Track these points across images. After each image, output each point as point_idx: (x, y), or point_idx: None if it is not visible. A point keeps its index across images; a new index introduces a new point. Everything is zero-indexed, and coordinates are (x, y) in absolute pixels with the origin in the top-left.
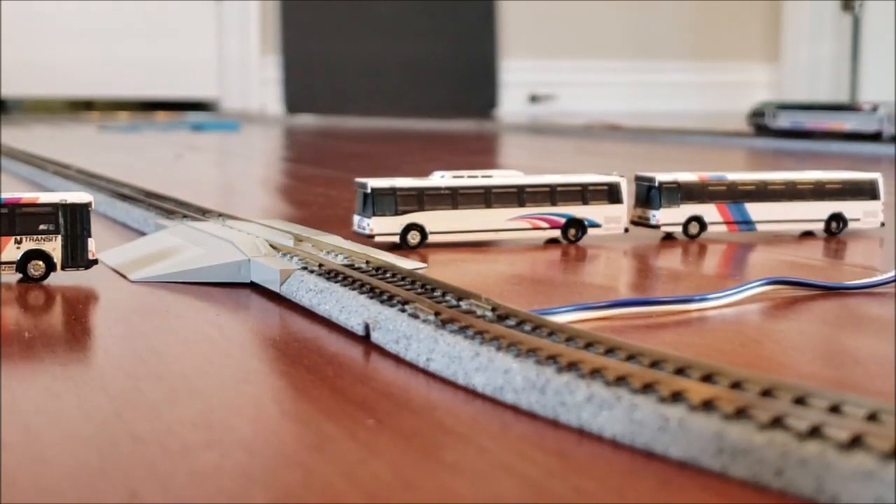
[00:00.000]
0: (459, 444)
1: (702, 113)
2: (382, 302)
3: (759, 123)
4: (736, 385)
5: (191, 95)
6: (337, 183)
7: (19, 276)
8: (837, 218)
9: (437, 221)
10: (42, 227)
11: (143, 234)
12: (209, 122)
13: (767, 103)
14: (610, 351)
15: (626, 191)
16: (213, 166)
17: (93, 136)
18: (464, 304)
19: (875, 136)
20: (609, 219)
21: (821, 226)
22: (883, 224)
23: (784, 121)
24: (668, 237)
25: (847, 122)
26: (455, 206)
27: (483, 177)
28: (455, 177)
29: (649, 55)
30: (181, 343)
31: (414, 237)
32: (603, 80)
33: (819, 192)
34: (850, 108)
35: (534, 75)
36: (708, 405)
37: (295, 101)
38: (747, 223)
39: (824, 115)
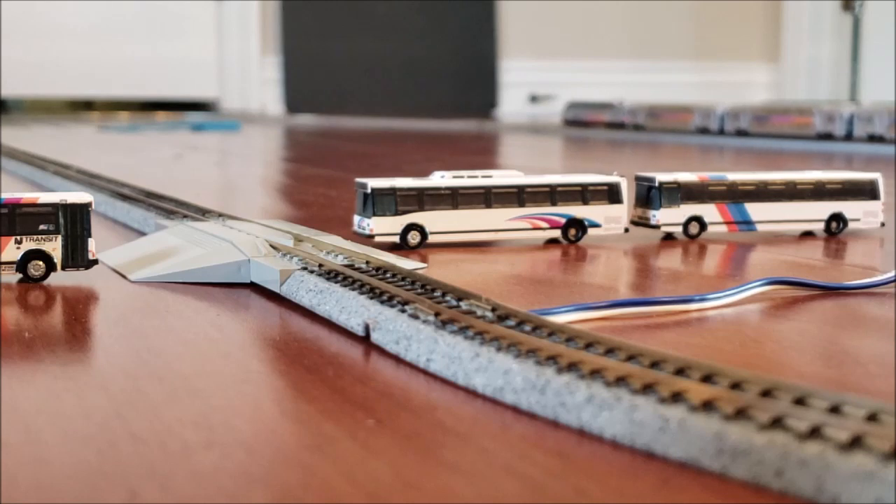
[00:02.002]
0: (459, 444)
1: None
2: (382, 302)
3: (568, 118)
4: (736, 385)
5: (191, 95)
6: (337, 183)
7: (19, 276)
8: (837, 218)
9: (437, 221)
10: (42, 227)
11: (143, 234)
12: (209, 123)
13: (575, 103)
14: (610, 351)
15: (627, 191)
16: (213, 166)
17: (93, 136)
18: (464, 305)
19: (621, 125)
20: (609, 219)
21: (821, 226)
22: (883, 224)
23: (570, 114)
24: (668, 237)
25: (605, 115)
26: (455, 207)
27: (483, 177)
28: (455, 177)
29: (649, 55)
30: (181, 343)
31: (414, 237)
32: (603, 80)
33: (819, 192)
34: (608, 105)
35: (534, 75)
36: (708, 406)
37: (295, 101)
38: (747, 223)
39: (593, 111)
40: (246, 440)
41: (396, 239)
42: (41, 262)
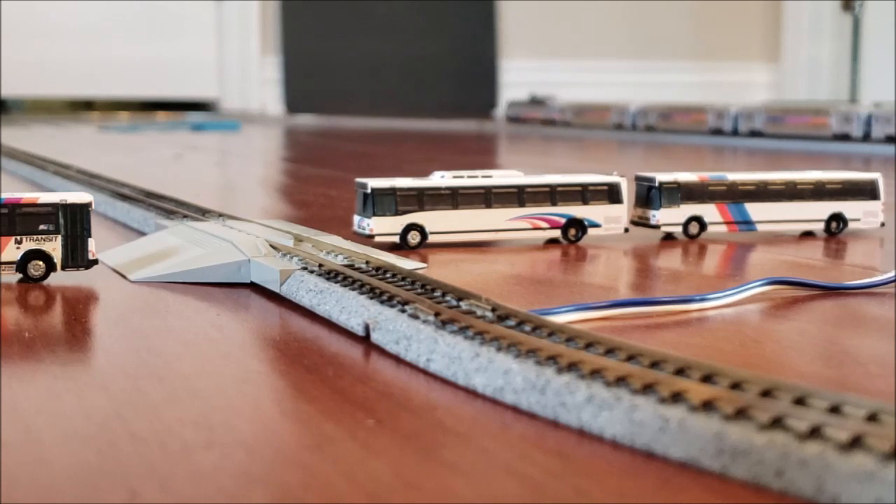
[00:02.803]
0: (459, 444)
1: None
2: (382, 302)
3: (509, 115)
4: (736, 385)
5: (191, 95)
6: (337, 183)
7: (19, 276)
8: (837, 218)
9: (437, 221)
10: (42, 227)
11: (143, 234)
12: (209, 122)
13: (514, 102)
14: (610, 351)
15: (627, 191)
16: (213, 166)
17: (93, 136)
18: (464, 305)
19: (553, 122)
20: (609, 219)
21: (821, 226)
22: (883, 224)
23: (511, 111)
24: (668, 237)
25: (541, 113)
26: (455, 207)
27: (483, 177)
28: (455, 177)
29: (649, 55)
30: (181, 343)
31: (414, 237)
32: (603, 80)
33: (819, 192)
34: (540, 101)
35: (534, 75)
36: (708, 406)
37: (295, 101)
38: (747, 223)
39: (528, 108)
40: (246, 440)
41: (396, 239)
42: (41, 262)
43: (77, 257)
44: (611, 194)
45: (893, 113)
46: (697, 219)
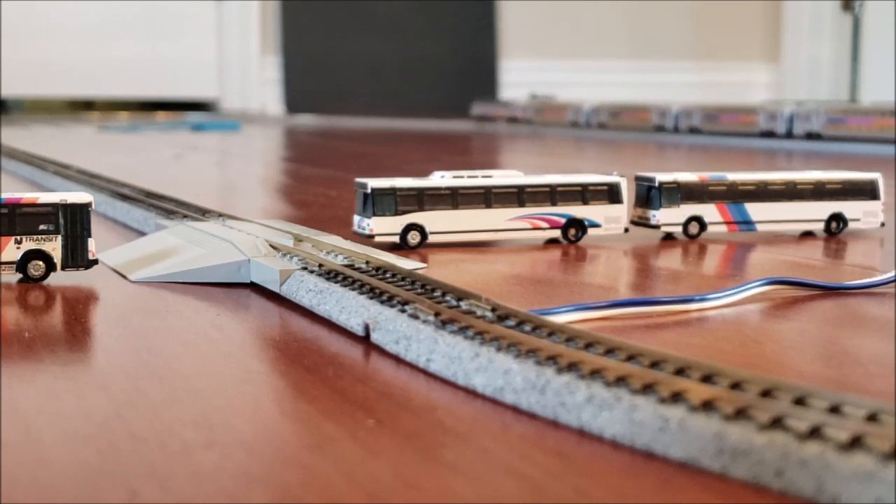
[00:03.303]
0: (459, 444)
1: None
2: (382, 302)
3: (476, 113)
4: (736, 385)
5: (191, 95)
6: (337, 183)
7: (19, 276)
8: (837, 218)
9: (437, 221)
10: (42, 227)
11: (143, 234)
12: (209, 122)
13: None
14: (610, 351)
15: (626, 191)
16: (213, 166)
17: (93, 136)
18: (464, 305)
19: (515, 120)
20: (609, 219)
21: (821, 226)
22: (883, 224)
23: (476, 110)
24: (668, 237)
25: (505, 111)
26: (455, 207)
27: (483, 177)
28: (455, 177)
29: (649, 55)
30: (181, 343)
31: (414, 237)
32: (603, 80)
33: (819, 192)
34: (505, 102)
35: (534, 75)
36: (708, 406)
37: (295, 101)
38: (747, 223)
39: (495, 107)
40: (246, 440)
41: (396, 239)
42: (41, 262)
43: (77, 257)
44: (611, 194)
45: (813, 111)
46: (697, 219)
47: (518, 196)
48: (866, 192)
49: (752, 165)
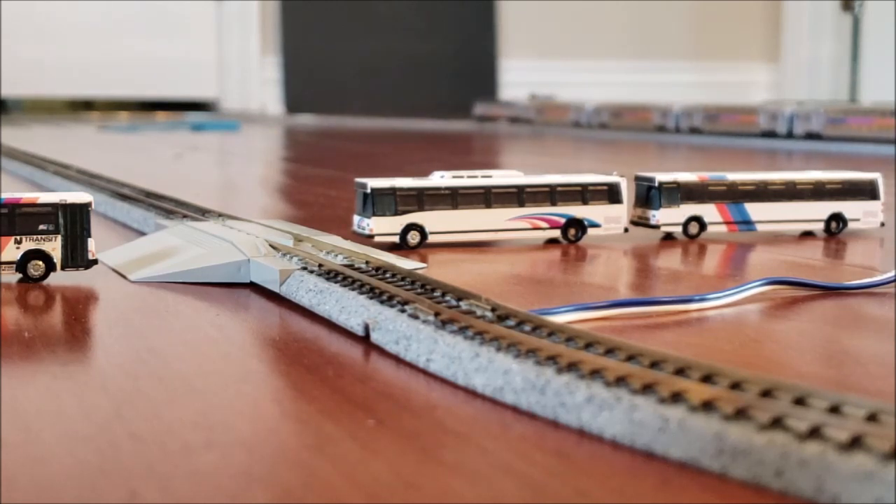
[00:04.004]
0: (459, 444)
1: None
2: (382, 302)
3: (477, 113)
4: (736, 385)
5: (191, 95)
6: (337, 183)
7: (19, 276)
8: (837, 218)
9: (436, 221)
10: (42, 227)
11: (143, 234)
12: (209, 122)
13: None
14: (610, 351)
15: (626, 191)
16: (213, 166)
17: (93, 136)
18: (463, 305)
19: (517, 120)
20: (609, 219)
21: (821, 226)
22: (883, 224)
23: (478, 110)
24: (668, 237)
25: (507, 111)
26: (455, 206)
27: (483, 177)
28: (455, 177)
29: (649, 55)
30: (181, 343)
31: (414, 237)
32: (603, 80)
33: (819, 192)
34: (509, 103)
35: (534, 75)
36: (708, 406)
37: (295, 101)
38: (747, 223)
39: (497, 107)
40: (246, 440)
41: (396, 239)
42: (41, 262)
43: (77, 257)
44: (610, 194)
45: (813, 111)
46: (697, 219)
47: (518, 196)
48: (866, 192)
49: (753, 165)
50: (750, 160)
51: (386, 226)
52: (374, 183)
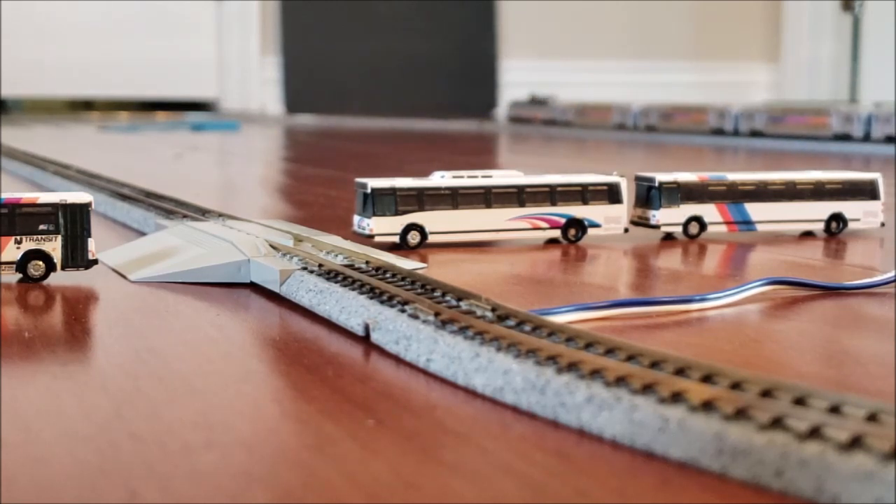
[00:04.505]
0: (459, 444)
1: None
2: (382, 302)
3: (511, 115)
4: (736, 386)
5: (191, 95)
6: (337, 183)
7: (19, 276)
8: (837, 218)
9: (437, 221)
10: (42, 227)
11: (143, 234)
12: (209, 122)
13: (516, 102)
14: (610, 351)
15: (626, 191)
16: (213, 166)
17: (93, 136)
18: (464, 305)
19: (553, 122)
20: (609, 219)
21: (821, 226)
22: (883, 224)
23: (513, 112)
24: (668, 237)
25: (542, 113)
26: (455, 207)
27: (483, 177)
28: (455, 177)
29: (649, 55)
30: (181, 343)
31: (414, 237)
32: (603, 80)
33: (819, 192)
34: (541, 101)
35: (534, 75)
36: (708, 406)
37: (295, 101)
38: (747, 223)
39: (530, 108)
40: (246, 440)
41: (396, 239)
42: (41, 262)
43: (77, 257)
44: (611, 194)
45: (893, 113)
46: (697, 219)
47: (518, 196)
48: (866, 192)
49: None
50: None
51: (386, 226)
52: (374, 183)
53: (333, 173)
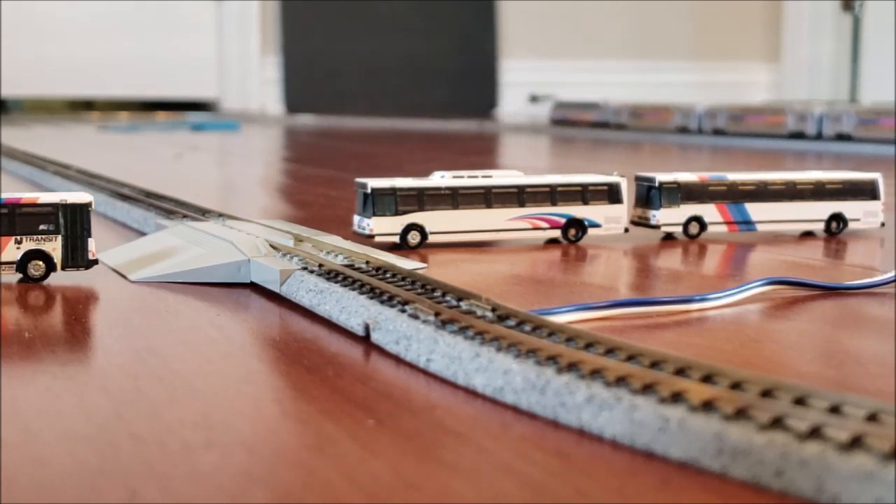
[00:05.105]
0: (459, 444)
1: None
2: (382, 302)
3: (555, 117)
4: (736, 386)
5: (191, 95)
6: (337, 183)
7: (19, 276)
8: (837, 218)
9: (437, 221)
10: (42, 227)
11: (143, 234)
12: (209, 122)
13: (562, 103)
14: (610, 351)
15: (626, 191)
16: (213, 166)
17: (93, 136)
18: (464, 305)
19: (605, 125)
20: (609, 219)
21: (821, 226)
22: (883, 224)
23: (557, 114)
24: (668, 237)
25: (592, 115)
26: (455, 207)
27: (483, 177)
28: (455, 177)
29: (649, 55)
30: (181, 343)
31: (414, 237)
32: (603, 80)
33: (819, 192)
34: (594, 104)
35: (534, 75)
36: (708, 406)
37: (295, 101)
38: (747, 223)
39: (579, 109)
40: (246, 440)
41: (396, 239)
42: (41, 262)
43: (77, 257)
44: (611, 194)
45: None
46: (697, 219)
47: (518, 196)
48: (866, 192)
49: (766, 163)
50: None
51: (386, 226)
52: (374, 183)
53: (333, 173)
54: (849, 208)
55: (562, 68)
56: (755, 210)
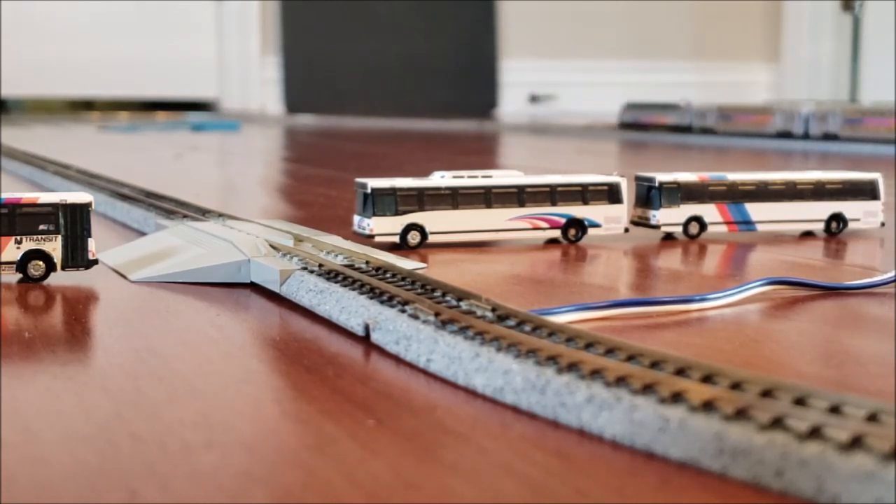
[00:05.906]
0: (459, 444)
1: None
2: (382, 302)
3: (622, 120)
4: (736, 386)
5: (191, 95)
6: (337, 183)
7: (19, 276)
8: (837, 218)
9: (437, 221)
10: (42, 227)
11: (143, 234)
12: (209, 122)
13: (633, 104)
14: (610, 351)
15: (627, 191)
16: (213, 166)
17: (93, 136)
18: (464, 305)
19: (688, 129)
20: (609, 219)
21: (821, 226)
22: (883, 224)
23: (628, 116)
24: (668, 237)
25: (668, 118)
26: (455, 207)
27: (483, 177)
28: (455, 177)
29: (649, 55)
30: (181, 343)
31: (414, 237)
32: (603, 80)
33: (819, 192)
34: (672, 106)
35: (534, 75)
36: (708, 406)
37: (295, 101)
38: (747, 223)
39: (653, 112)
40: (246, 440)
41: (396, 239)
42: (41, 262)
43: (77, 257)
44: (611, 194)
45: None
46: (697, 219)
47: (518, 196)
48: (866, 192)
49: (754, 162)
50: (762, 158)
51: (386, 226)
52: (374, 183)
53: (333, 173)
54: (849, 208)
55: (562, 68)
56: (755, 210)
